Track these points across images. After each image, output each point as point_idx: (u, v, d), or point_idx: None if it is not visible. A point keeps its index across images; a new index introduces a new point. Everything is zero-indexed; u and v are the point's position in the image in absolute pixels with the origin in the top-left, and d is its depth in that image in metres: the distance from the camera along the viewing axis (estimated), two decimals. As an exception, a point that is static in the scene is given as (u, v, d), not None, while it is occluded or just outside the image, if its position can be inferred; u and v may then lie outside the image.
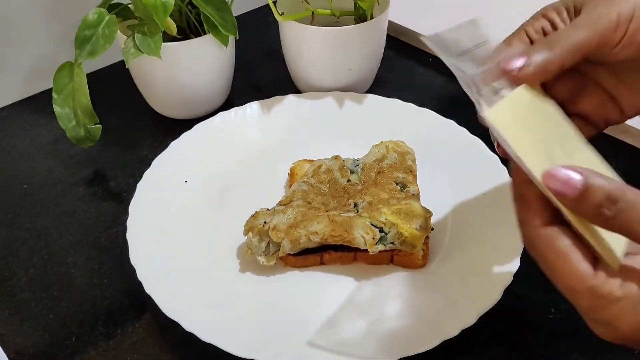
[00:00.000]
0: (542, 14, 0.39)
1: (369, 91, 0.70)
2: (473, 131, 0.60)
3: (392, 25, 0.75)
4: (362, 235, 0.48)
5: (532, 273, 0.49)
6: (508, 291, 0.46)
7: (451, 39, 0.35)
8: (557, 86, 0.40)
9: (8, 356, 0.47)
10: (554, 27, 0.39)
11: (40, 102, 0.71)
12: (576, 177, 0.29)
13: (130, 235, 0.51)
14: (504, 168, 0.56)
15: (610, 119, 0.41)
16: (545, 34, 0.39)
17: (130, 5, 0.62)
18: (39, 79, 0.72)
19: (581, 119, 0.41)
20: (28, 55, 0.71)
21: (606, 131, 0.48)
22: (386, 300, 0.48)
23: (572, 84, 0.41)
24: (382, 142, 0.57)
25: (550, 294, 0.49)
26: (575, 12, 0.38)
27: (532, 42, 0.39)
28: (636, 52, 0.37)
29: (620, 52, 0.37)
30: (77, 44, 0.58)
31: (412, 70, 0.76)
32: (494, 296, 0.46)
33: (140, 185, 0.56)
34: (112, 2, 0.62)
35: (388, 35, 0.69)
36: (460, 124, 0.61)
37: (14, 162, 0.65)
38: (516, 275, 0.47)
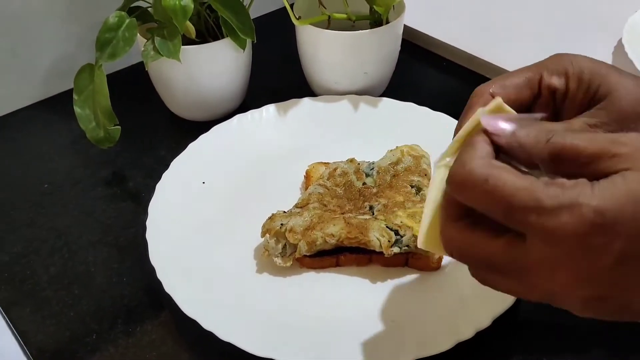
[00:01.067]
0: (564, 75, 0.37)
1: (384, 95, 0.70)
2: (488, 135, 0.60)
3: (407, 29, 0.76)
4: (377, 237, 0.49)
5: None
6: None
7: None
8: None
9: (30, 353, 0.48)
10: (566, 97, 0.37)
11: (61, 103, 0.72)
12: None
13: (149, 235, 0.52)
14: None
15: None
16: (554, 95, 0.38)
17: (150, 9, 0.63)
18: (59, 80, 0.74)
19: None
20: (48, 56, 0.72)
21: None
22: (401, 302, 0.49)
23: None
24: (397, 147, 0.57)
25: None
26: (591, 92, 0.36)
27: (540, 93, 0.38)
28: None
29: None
30: (98, 46, 0.59)
31: (427, 74, 0.76)
32: (510, 299, 0.46)
33: (159, 186, 0.57)
34: (132, 5, 0.63)
35: (403, 39, 0.69)
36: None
37: (35, 162, 0.66)
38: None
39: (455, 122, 0.63)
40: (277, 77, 0.76)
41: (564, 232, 0.27)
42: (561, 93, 0.37)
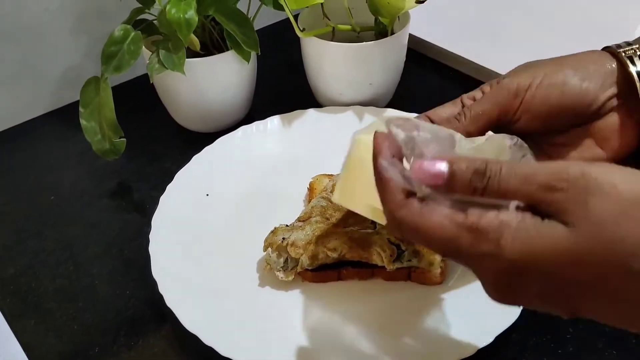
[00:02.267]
0: (480, 87, 0.44)
1: (389, 105, 0.70)
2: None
3: (412, 38, 0.76)
4: (379, 252, 0.48)
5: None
6: (526, 311, 0.46)
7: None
8: None
9: (33, 365, 0.49)
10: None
11: (68, 114, 0.73)
12: (442, 166, 0.31)
13: (152, 249, 0.52)
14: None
15: None
16: (475, 101, 0.43)
17: (155, 22, 0.64)
18: (66, 91, 0.74)
19: None
20: (57, 67, 0.73)
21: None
22: (403, 317, 0.48)
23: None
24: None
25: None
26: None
27: (464, 107, 0.43)
28: (534, 121, 0.41)
29: (520, 119, 0.41)
30: (104, 59, 0.60)
31: (432, 84, 0.76)
32: (512, 316, 0.46)
33: (162, 199, 0.57)
34: (138, 18, 0.63)
35: (409, 49, 0.69)
36: (479, 139, 0.61)
37: (42, 174, 0.67)
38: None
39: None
40: (282, 88, 0.76)
41: (486, 272, 0.31)
42: (479, 97, 0.43)
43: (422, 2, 0.60)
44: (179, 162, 0.61)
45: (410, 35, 0.69)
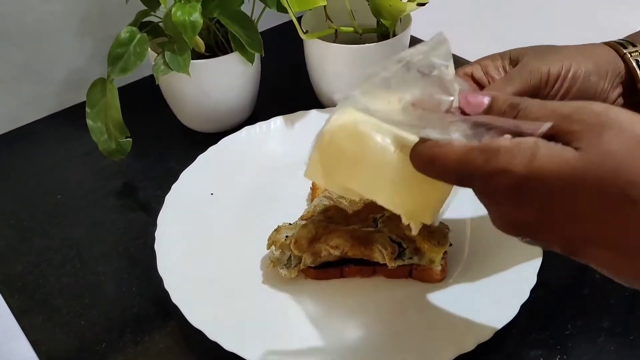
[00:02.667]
0: (477, 61, 0.45)
1: (391, 106, 0.71)
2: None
3: (414, 40, 0.77)
4: (380, 249, 0.49)
5: (549, 290, 0.51)
6: (525, 306, 0.47)
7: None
8: None
9: (41, 361, 0.50)
10: (487, 73, 0.44)
11: (73, 115, 0.74)
12: (485, 99, 0.35)
13: (158, 247, 0.53)
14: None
15: None
16: (473, 78, 0.44)
17: (160, 24, 0.65)
18: (71, 92, 0.75)
19: None
20: (62, 69, 0.74)
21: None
22: (404, 313, 0.49)
23: None
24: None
25: (566, 311, 0.50)
26: (511, 63, 0.44)
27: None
28: None
29: None
30: (110, 61, 0.61)
31: (434, 86, 0.77)
32: (511, 312, 0.47)
33: (168, 198, 0.58)
34: (144, 20, 0.64)
35: (410, 51, 0.70)
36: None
37: (49, 173, 0.68)
38: (533, 291, 0.48)
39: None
40: (285, 89, 0.77)
41: (494, 190, 0.33)
42: (479, 73, 0.44)
43: (424, 4, 0.61)
44: (184, 162, 0.62)
45: (411, 37, 0.70)
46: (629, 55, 0.42)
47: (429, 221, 0.40)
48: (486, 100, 0.35)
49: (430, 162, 0.34)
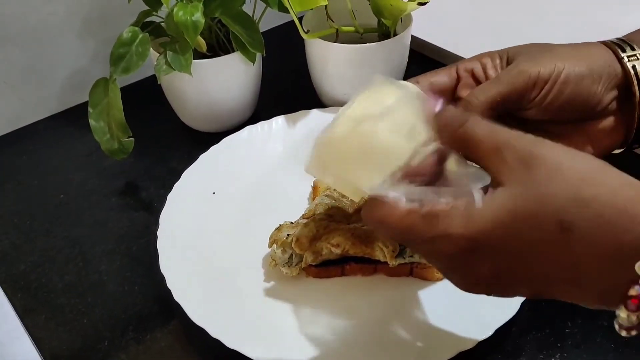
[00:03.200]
0: (477, 57, 0.44)
1: (392, 106, 0.71)
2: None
3: (414, 39, 0.77)
4: (382, 248, 0.49)
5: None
6: (526, 305, 0.47)
7: None
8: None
9: (44, 359, 0.50)
10: (485, 70, 0.44)
11: (75, 115, 0.74)
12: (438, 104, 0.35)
13: (160, 245, 0.53)
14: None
15: None
16: (473, 74, 0.43)
17: (162, 24, 0.65)
18: (73, 93, 0.76)
19: None
20: (64, 70, 0.75)
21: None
22: (404, 311, 0.49)
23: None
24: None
25: (566, 309, 0.50)
26: (508, 62, 0.43)
27: (459, 78, 0.44)
28: (542, 112, 0.42)
29: (532, 109, 0.42)
30: (112, 61, 0.61)
31: (435, 85, 0.77)
32: (512, 310, 0.47)
33: (170, 197, 0.58)
34: (146, 20, 0.65)
35: (411, 50, 0.70)
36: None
37: (51, 173, 0.68)
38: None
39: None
40: (287, 89, 0.77)
41: (441, 255, 0.33)
42: (479, 70, 0.43)
43: (424, 3, 0.61)
44: (186, 161, 0.63)
45: (412, 36, 0.70)
46: (627, 60, 0.41)
47: None
48: (438, 106, 0.35)
49: (378, 224, 0.34)
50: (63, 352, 0.50)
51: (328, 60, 0.67)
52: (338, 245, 0.50)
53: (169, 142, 0.71)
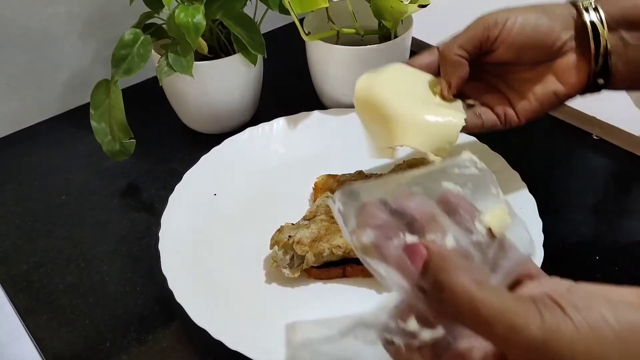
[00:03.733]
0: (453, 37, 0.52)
1: (393, 107, 0.71)
2: (494, 148, 0.61)
3: (415, 41, 0.77)
4: (383, 249, 0.49)
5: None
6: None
7: None
8: (468, 87, 0.52)
9: (46, 359, 0.50)
10: None
11: (77, 117, 0.74)
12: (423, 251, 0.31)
13: (162, 246, 0.53)
14: (523, 183, 0.57)
15: (511, 120, 0.52)
16: None
17: (164, 26, 0.65)
18: (75, 94, 0.76)
19: (488, 108, 0.52)
20: (66, 71, 0.75)
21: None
22: (406, 313, 0.49)
23: (480, 85, 0.53)
24: (404, 161, 0.58)
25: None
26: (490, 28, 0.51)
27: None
28: (509, 52, 0.49)
29: (498, 49, 0.49)
30: (114, 62, 0.61)
31: (435, 87, 0.77)
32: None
33: (171, 198, 0.58)
34: (147, 22, 0.65)
35: (411, 51, 0.71)
36: (481, 140, 0.62)
37: (53, 174, 0.68)
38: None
39: (463, 135, 0.64)
40: (288, 90, 0.77)
41: None
42: None
43: (425, 5, 0.61)
44: (187, 163, 0.63)
45: (413, 38, 0.70)
46: (581, 4, 0.48)
47: (448, 151, 0.48)
48: (423, 252, 0.30)
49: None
50: (64, 352, 0.50)
51: (329, 62, 0.67)
52: (339, 246, 0.50)
53: (170, 143, 0.71)
